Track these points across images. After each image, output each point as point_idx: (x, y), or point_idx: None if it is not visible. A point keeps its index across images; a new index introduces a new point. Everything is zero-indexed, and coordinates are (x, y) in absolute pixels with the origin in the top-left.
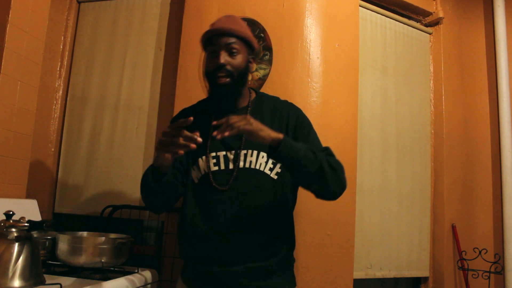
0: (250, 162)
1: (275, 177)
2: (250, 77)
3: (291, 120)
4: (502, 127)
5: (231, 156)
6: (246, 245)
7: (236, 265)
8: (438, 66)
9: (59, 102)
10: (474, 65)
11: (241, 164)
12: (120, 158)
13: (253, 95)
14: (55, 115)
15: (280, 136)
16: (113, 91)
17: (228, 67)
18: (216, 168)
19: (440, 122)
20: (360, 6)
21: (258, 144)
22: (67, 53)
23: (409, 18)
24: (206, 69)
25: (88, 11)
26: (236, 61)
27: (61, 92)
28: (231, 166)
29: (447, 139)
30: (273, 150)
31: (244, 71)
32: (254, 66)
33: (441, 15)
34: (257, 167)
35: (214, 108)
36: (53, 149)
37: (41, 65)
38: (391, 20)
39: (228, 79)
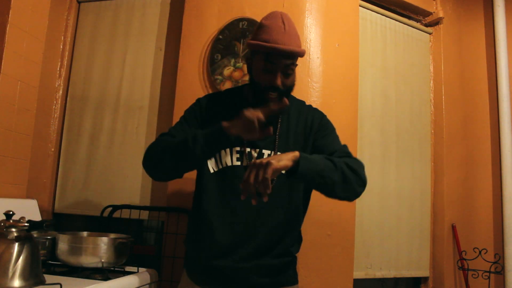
0: None
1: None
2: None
3: (314, 124)
4: (502, 127)
5: (255, 154)
6: (261, 243)
7: (247, 262)
8: (438, 66)
9: (59, 102)
10: (474, 65)
11: None
12: (120, 158)
13: None
14: (55, 115)
15: (296, 154)
16: (113, 91)
17: (281, 88)
18: (239, 163)
19: (440, 122)
20: (360, 6)
21: (283, 146)
22: (67, 53)
23: (409, 18)
24: (256, 79)
25: (88, 11)
26: (290, 80)
27: (61, 92)
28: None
29: (447, 139)
30: (293, 171)
31: (292, 87)
32: None
33: (441, 15)
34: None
35: (246, 103)
36: (53, 149)
37: (41, 65)
38: (391, 20)
39: (276, 95)
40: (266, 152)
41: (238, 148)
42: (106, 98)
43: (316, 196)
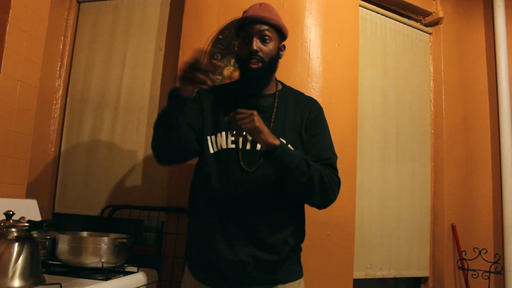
0: None
1: None
2: (281, 55)
3: (311, 115)
4: (502, 127)
5: (250, 137)
6: (254, 230)
7: (246, 254)
8: (438, 66)
9: (59, 102)
10: (474, 65)
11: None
12: (120, 158)
13: (279, 85)
14: (55, 115)
15: (277, 142)
16: (113, 91)
17: (260, 54)
18: (233, 146)
19: (440, 122)
20: (360, 6)
21: (278, 131)
22: (67, 53)
23: (409, 18)
24: (238, 54)
25: (88, 11)
26: (268, 47)
27: (61, 92)
28: (249, 145)
29: (447, 139)
30: (268, 153)
31: (275, 58)
32: (283, 53)
33: (441, 15)
34: None
35: (242, 91)
36: (53, 149)
37: (41, 65)
38: (391, 20)
39: (259, 64)
40: None
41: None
42: (106, 98)
43: None
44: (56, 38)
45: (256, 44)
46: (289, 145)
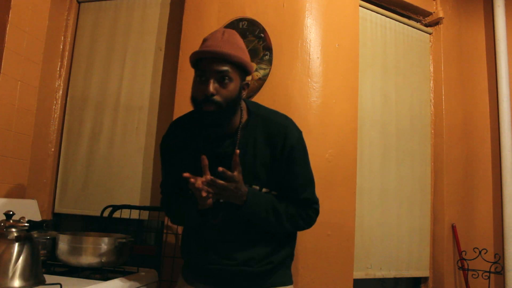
0: None
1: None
2: (244, 94)
3: (285, 150)
4: (502, 127)
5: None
6: (233, 246)
7: (235, 266)
8: (438, 66)
9: (59, 102)
10: (474, 65)
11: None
12: (120, 158)
13: (245, 116)
14: (55, 115)
15: (243, 199)
16: (113, 91)
17: (217, 98)
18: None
19: (440, 122)
20: (360, 6)
21: (249, 176)
22: (67, 53)
23: (409, 18)
24: (193, 94)
25: (88, 11)
26: (227, 90)
27: (61, 92)
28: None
29: (447, 139)
30: (236, 207)
31: (235, 101)
32: (246, 92)
33: (441, 15)
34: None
35: (201, 135)
36: (53, 149)
37: (41, 65)
38: (391, 20)
39: (214, 108)
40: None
41: (203, 179)
42: (106, 98)
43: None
44: (56, 38)
45: (213, 86)
46: (263, 189)
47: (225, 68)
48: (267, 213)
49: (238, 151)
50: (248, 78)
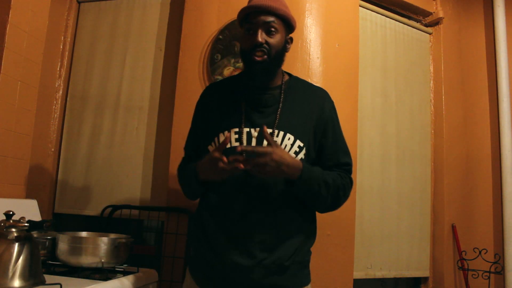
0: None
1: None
2: (288, 48)
3: (324, 113)
4: (502, 127)
5: (255, 133)
6: (264, 227)
7: (251, 257)
8: (438, 66)
9: (59, 102)
10: (474, 65)
11: (265, 144)
12: (120, 158)
13: (286, 76)
14: (55, 115)
15: (298, 173)
16: (113, 91)
17: (265, 46)
18: (237, 143)
19: (440, 122)
20: (360, 6)
21: (285, 125)
22: (67, 53)
23: (409, 18)
24: (242, 46)
25: (88, 11)
26: (274, 40)
27: (61, 92)
28: (254, 142)
29: (447, 139)
30: (290, 181)
31: (281, 51)
32: (290, 46)
33: (441, 15)
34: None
35: (247, 85)
36: (53, 149)
37: (41, 65)
38: (391, 20)
39: (264, 57)
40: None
41: (236, 129)
42: (106, 98)
43: None
44: (56, 38)
45: (261, 36)
46: (297, 141)
47: (271, 19)
48: (319, 187)
49: (266, 127)
50: (292, 35)
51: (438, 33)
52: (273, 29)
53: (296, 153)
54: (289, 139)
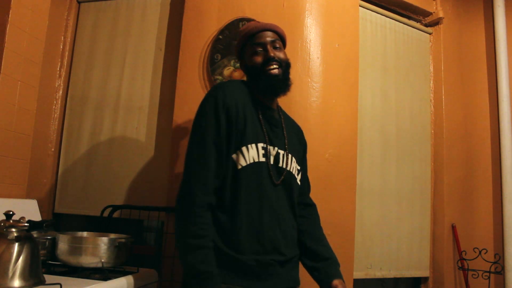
0: (290, 164)
1: (299, 183)
2: None
3: (304, 144)
4: (502, 127)
5: (273, 152)
6: (281, 238)
7: (275, 255)
8: (438, 66)
9: (59, 102)
10: (474, 65)
11: (284, 164)
12: (120, 158)
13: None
14: (55, 115)
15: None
16: (113, 91)
17: (277, 60)
18: (264, 159)
19: (440, 122)
20: (360, 6)
21: (292, 148)
22: (67, 53)
23: (409, 18)
24: (253, 65)
25: (88, 11)
26: (282, 54)
27: (61, 92)
28: (272, 160)
29: (447, 139)
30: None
31: (288, 64)
32: None
33: (441, 15)
34: (292, 171)
35: (260, 101)
36: (53, 149)
37: (41, 65)
38: (391, 20)
39: (280, 70)
40: (280, 152)
41: (263, 145)
42: (106, 98)
43: (315, 196)
44: (56, 38)
45: (272, 51)
46: (297, 164)
47: (276, 37)
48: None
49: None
50: None
51: (438, 33)
52: (278, 46)
53: (297, 174)
54: (294, 162)
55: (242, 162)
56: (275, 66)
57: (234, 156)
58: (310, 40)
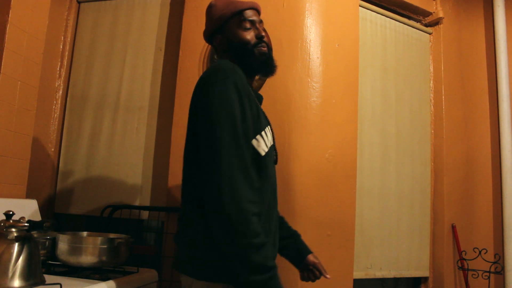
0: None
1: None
2: None
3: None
4: (502, 127)
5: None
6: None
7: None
8: (438, 66)
9: (59, 102)
10: (474, 65)
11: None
12: (120, 158)
13: None
14: (55, 115)
15: None
16: (113, 91)
17: (266, 40)
18: (273, 142)
19: (440, 122)
20: (360, 6)
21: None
22: (67, 53)
23: (409, 18)
24: (242, 41)
25: (88, 11)
26: (267, 36)
27: (61, 92)
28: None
29: (447, 139)
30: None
31: (272, 48)
32: None
33: (441, 15)
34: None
35: (264, 73)
36: (53, 149)
37: (41, 65)
38: (391, 20)
39: (266, 49)
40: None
41: (269, 127)
42: (106, 98)
43: (316, 196)
44: (56, 38)
45: (262, 31)
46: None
47: (260, 18)
48: None
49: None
50: None
51: (438, 33)
52: (263, 28)
53: None
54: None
55: (265, 148)
56: (264, 46)
57: (254, 142)
58: (310, 40)
